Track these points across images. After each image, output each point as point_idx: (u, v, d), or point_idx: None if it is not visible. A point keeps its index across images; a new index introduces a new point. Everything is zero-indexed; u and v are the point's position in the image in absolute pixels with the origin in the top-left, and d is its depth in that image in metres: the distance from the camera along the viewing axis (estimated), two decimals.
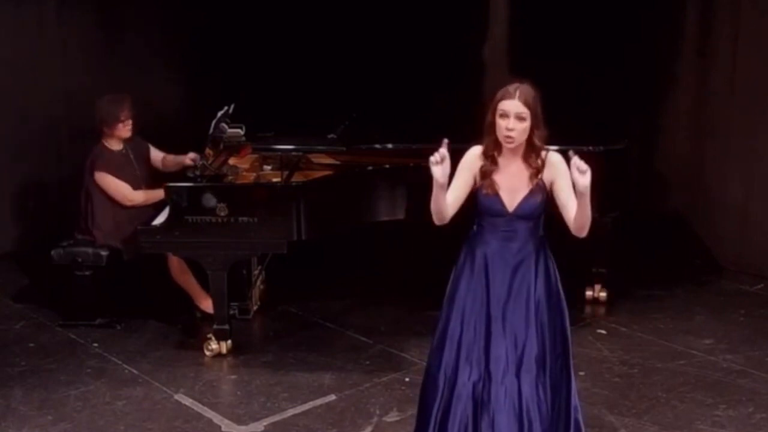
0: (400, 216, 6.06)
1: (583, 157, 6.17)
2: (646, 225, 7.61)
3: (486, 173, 4.06)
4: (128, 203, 6.27)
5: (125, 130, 6.33)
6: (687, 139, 7.68)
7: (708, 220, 7.55)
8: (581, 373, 5.56)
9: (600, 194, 6.29)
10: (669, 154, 7.84)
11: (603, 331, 6.25)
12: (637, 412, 5.20)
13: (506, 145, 3.99)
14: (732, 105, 7.28)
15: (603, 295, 6.64)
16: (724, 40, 7.30)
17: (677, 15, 7.63)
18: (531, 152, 4.03)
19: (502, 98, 3.97)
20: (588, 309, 6.60)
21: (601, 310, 6.59)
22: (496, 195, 4.05)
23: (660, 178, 7.88)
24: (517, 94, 3.95)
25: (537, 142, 4.01)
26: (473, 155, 4.11)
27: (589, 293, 6.64)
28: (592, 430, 4.95)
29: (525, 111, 3.94)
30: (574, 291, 6.49)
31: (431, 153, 6.00)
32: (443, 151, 3.87)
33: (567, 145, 5.85)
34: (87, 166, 6.32)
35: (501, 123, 3.96)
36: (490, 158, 4.06)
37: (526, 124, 3.96)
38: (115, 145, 6.35)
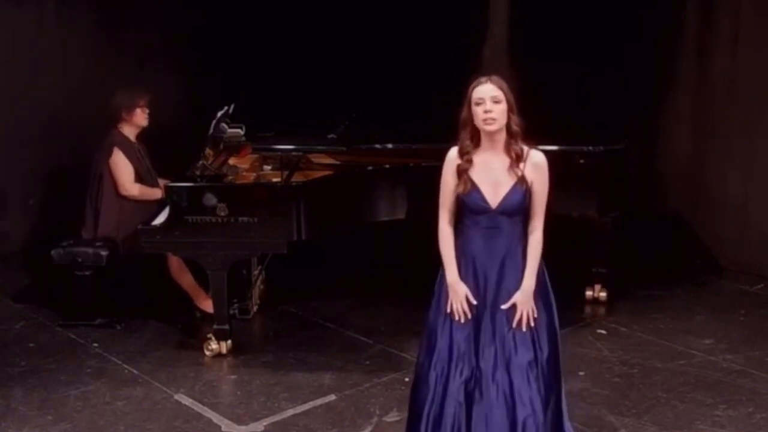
0: (400, 216, 6.06)
1: (583, 156, 6.20)
2: (646, 225, 7.61)
3: (461, 171, 4.08)
4: (123, 191, 6.29)
5: (143, 117, 6.37)
6: (687, 139, 7.68)
7: (708, 220, 7.55)
8: (581, 373, 5.56)
9: (600, 194, 6.38)
10: (669, 154, 7.85)
11: (603, 331, 6.25)
12: (637, 412, 5.19)
13: (487, 128, 4.00)
14: (732, 105, 7.28)
15: (603, 295, 6.64)
16: (724, 40, 7.30)
17: (677, 15, 7.63)
18: (511, 140, 4.05)
19: (475, 87, 4.04)
20: (588, 309, 6.60)
21: (601, 310, 6.59)
22: (478, 191, 4.05)
23: (660, 178, 7.88)
24: (489, 81, 4.04)
25: (515, 127, 4.04)
26: (452, 158, 4.12)
27: (589, 293, 6.64)
28: (592, 430, 4.96)
29: (499, 93, 4.00)
30: (574, 291, 6.52)
31: (431, 153, 6.00)
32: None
33: (567, 145, 5.92)
34: (104, 148, 6.33)
35: (478, 110, 4.01)
36: (466, 155, 4.07)
37: (503, 107, 4.00)
38: (130, 135, 6.38)
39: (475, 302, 4.09)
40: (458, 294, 4.09)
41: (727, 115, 7.33)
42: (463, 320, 4.09)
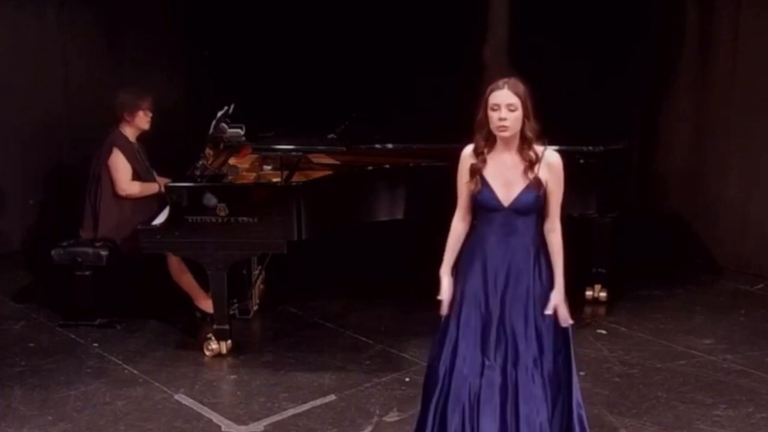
0: (400, 216, 6.07)
1: (583, 156, 6.19)
2: (646, 225, 7.61)
3: (474, 170, 4.10)
4: (121, 192, 6.28)
5: (145, 120, 6.36)
6: (687, 139, 7.68)
7: (708, 220, 7.55)
8: (581, 373, 5.54)
9: (600, 194, 6.39)
10: (669, 154, 7.85)
11: (603, 331, 6.25)
12: (637, 412, 5.20)
13: (500, 135, 4.03)
14: (732, 105, 7.28)
15: (603, 295, 6.64)
16: (724, 40, 7.30)
17: (677, 15, 7.63)
18: (524, 144, 4.06)
19: (492, 91, 4.03)
20: (588, 309, 6.59)
21: (601, 310, 6.59)
22: (490, 190, 4.07)
23: (660, 178, 7.88)
24: (506, 86, 4.02)
25: (529, 133, 4.05)
26: (466, 155, 4.15)
27: (589, 293, 6.64)
28: (592, 430, 4.95)
29: (515, 101, 4.00)
30: (574, 291, 6.51)
31: (431, 153, 6.02)
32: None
33: (568, 145, 5.92)
34: (104, 148, 6.32)
35: (493, 115, 4.01)
36: (480, 155, 4.09)
37: (518, 114, 4.01)
38: (131, 136, 6.37)
39: (445, 297, 4.17)
40: (442, 286, 4.17)
41: (727, 114, 7.33)
42: (445, 311, 4.14)
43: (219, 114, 6.34)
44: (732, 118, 7.29)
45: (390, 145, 6.35)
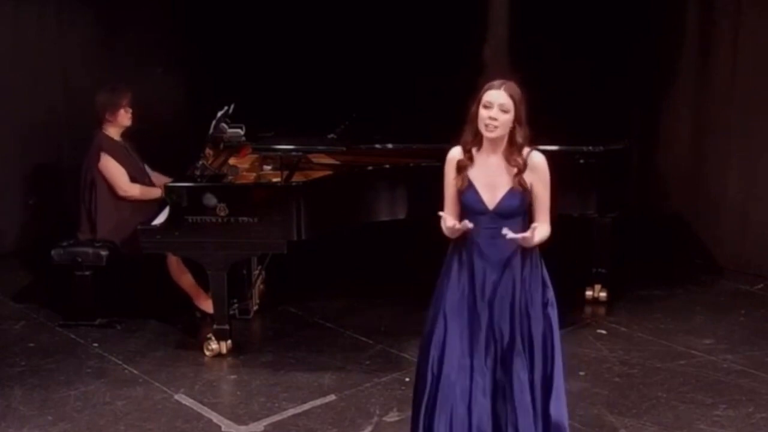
0: (400, 216, 6.07)
1: (583, 156, 6.19)
2: (646, 225, 7.61)
3: (461, 167, 4.08)
4: (122, 193, 6.27)
5: (127, 117, 6.34)
6: (687, 139, 7.68)
7: (708, 220, 7.55)
8: (581, 373, 5.57)
9: (600, 194, 6.39)
10: (669, 154, 7.85)
11: (603, 331, 6.25)
12: (637, 412, 5.20)
13: (487, 134, 3.99)
14: (732, 105, 7.28)
15: (603, 295, 6.64)
16: (724, 40, 7.30)
17: (678, 15, 7.63)
18: (512, 149, 4.03)
19: (488, 90, 4.00)
20: (588, 309, 6.60)
21: (601, 310, 6.59)
22: (475, 192, 4.05)
23: (660, 178, 7.88)
24: (503, 87, 4.00)
25: (519, 139, 4.01)
26: (452, 156, 4.12)
27: (589, 293, 6.64)
28: (592, 430, 4.96)
29: (509, 103, 3.97)
30: (574, 291, 6.53)
31: (431, 153, 6.02)
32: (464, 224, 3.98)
33: (568, 145, 5.93)
34: (91, 153, 6.31)
35: (484, 113, 3.98)
36: (468, 152, 4.07)
37: (509, 117, 3.97)
38: (115, 135, 6.36)
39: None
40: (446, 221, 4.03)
41: (727, 114, 7.33)
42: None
43: (219, 114, 6.34)
44: (732, 118, 7.29)
45: (390, 145, 6.35)
